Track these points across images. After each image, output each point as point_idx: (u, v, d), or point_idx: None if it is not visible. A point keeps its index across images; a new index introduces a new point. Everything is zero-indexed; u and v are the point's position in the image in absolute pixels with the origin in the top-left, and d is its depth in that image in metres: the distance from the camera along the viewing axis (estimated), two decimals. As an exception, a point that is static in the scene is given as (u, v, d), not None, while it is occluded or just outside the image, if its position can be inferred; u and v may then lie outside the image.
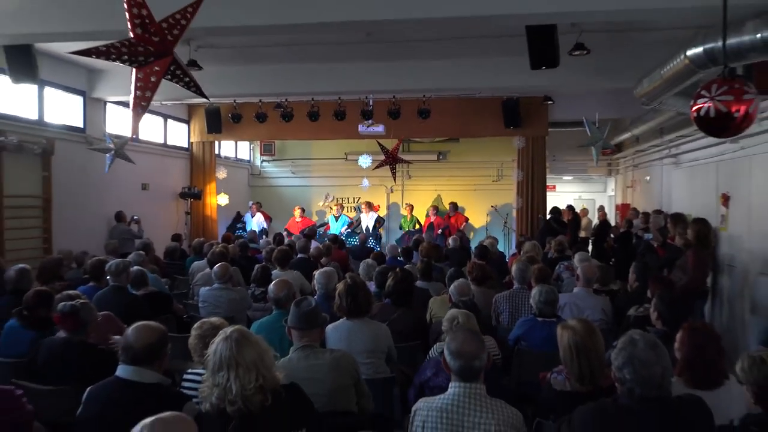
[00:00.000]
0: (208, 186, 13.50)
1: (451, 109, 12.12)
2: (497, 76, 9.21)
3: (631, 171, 14.31)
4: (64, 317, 3.82)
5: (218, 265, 6.02)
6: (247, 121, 11.98)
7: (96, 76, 10.18)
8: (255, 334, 2.76)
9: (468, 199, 15.12)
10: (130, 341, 2.87)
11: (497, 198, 14.96)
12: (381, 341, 4.14)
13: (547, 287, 4.79)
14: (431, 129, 12.59)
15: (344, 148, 15.36)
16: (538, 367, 3.80)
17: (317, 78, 9.68)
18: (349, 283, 4.20)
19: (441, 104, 11.67)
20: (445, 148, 15.55)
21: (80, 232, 9.60)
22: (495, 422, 2.60)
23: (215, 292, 5.82)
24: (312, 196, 16.09)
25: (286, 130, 12.38)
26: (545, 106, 11.84)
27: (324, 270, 5.54)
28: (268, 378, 2.59)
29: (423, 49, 8.51)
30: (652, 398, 2.40)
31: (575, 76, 8.62)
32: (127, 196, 10.96)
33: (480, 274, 5.98)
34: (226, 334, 2.64)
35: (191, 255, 8.94)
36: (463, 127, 12.63)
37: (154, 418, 2.01)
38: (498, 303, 5.62)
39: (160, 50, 3.79)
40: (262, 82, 9.94)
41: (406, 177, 15.72)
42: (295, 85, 9.87)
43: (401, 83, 9.62)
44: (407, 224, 13.91)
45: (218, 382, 2.55)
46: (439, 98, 11.47)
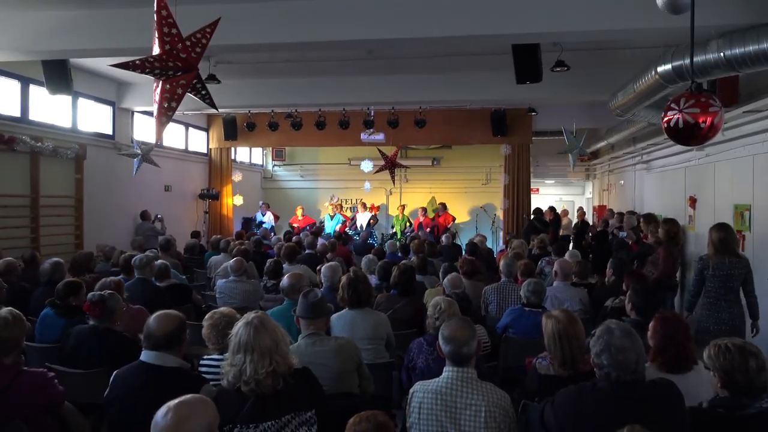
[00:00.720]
0: (224, 188, 13.47)
1: (445, 119, 12.09)
2: (486, 90, 9.21)
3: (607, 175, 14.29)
4: (93, 305, 3.79)
5: (234, 259, 6.00)
6: (261, 129, 11.94)
7: (124, 89, 10.17)
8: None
9: (459, 200, 15.09)
10: (152, 329, 2.84)
11: (486, 199, 14.96)
12: (380, 329, 4.12)
13: (536, 280, 4.78)
14: (426, 137, 12.57)
15: (348, 154, 15.34)
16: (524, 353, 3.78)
17: (324, 91, 9.66)
18: (351, 277, 4.18)
19: (435, 114, 11.65)
20: (439, 154, 15.53)
21: (109, 229, 9.58)
22: (485, 403, 2.58)
23: (231, 284, 5.80)
24: (319, 197, 16.06)
25: (296, 137, 12.36)
26: (529, 116, 11.82)
27: (329, 264, 5.52)
28: (281, 363, 2.57)
29: (419, 65, 8.50)
30: (628, 382, 2.39)
31: (556, 90, 8.62)
32: (151, 196, 10.94)
33: (470, 269, 5.97)
34: (247, 320, 2.63)
35: (209, 250, 8.91)
36: (455, 135, 12.61)
37: (178, 400, 1.99)
38: (487, 294, 5.60)
39: (186, 66, 3.79)
40: (274, 94, 9.92)
41: (404, 180, 15.70)
42: (304, 97, 9.86)
43: (399, 96, 9.62)
44: (399, 223, 13.87)
45: (236, 362, 2.54)
46: (434, 109, 11.45)
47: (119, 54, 6.82)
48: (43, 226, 8.29)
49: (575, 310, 4.93)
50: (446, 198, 14.58)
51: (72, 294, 4.30)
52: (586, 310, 5.27)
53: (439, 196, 15.11)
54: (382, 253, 8.16)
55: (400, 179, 15.33)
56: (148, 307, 4.28)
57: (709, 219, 7.21)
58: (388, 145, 12.31)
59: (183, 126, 12.55)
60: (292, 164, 16.46)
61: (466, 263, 6.04)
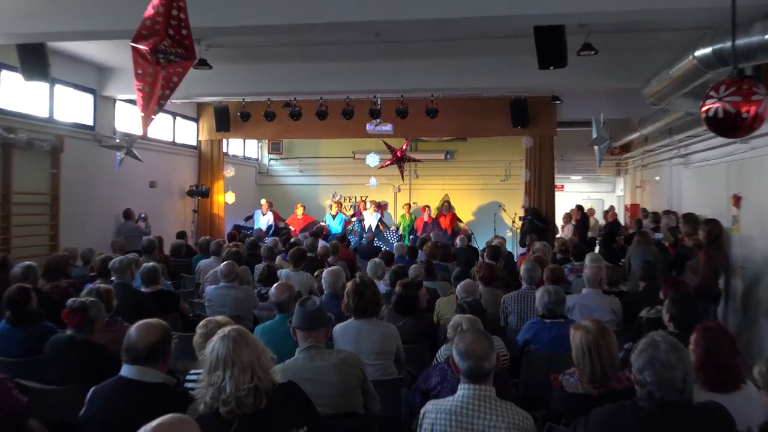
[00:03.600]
0: (215, 184, 13.48)
1: (459, 109, 12.05)
2: (505, 76, 9.15)
3: (640, 171, 14.19)
4: (72, 313, 3.78)
5: (224, 263, 5.98)
6: (256, 119, 11.95)
7: (106, 75, 10.18)
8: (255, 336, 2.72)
9: (475, 198, 15.04)
10: (133, 340, 2.82)
11: (505, 197, 14.91)
12: (390, 342, 4.08)
13: (553, 287, 4.72)
14: (439, 128, 12.53)
15: (352, 147, 15.33)
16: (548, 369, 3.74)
17: (326, 77, 9.64)
18: (357, 282, 4.15)
19: (449, 104, 11.60)
20: (453, 147, 15.50)
21: (88, 229, 9.59)
22: (505, 425, 2.54)
23: (221, 291, 5.79)
24: (319, 194, 16.06)
25: (295, 128, 12.34)
26: (553, 105, 11.75)
27: (331, 269, 5.49)
28: (263, 379, 2.55)
29: (431, 49, 8.45)
30: (673, 402, 2.34)
31: (583, 76, 8.55)
32: (135, 193, 10.95)
33: (488, 274, 5.92)
34: (223, 333, 2.61)
35: (198, 253, 8.91)
36: (471, 126, 12.56)
37: (156, 422, 1.96)
38: (506, 304, 5.56)
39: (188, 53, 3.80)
40: (270, 81, 9.91)
41: (414, 176, 15.68)
42: (304, 85, 9.84)
43: (409, 83, 9.57)
44: (405, 223, 13.82)
45: (213, 381, 2.52)
46: (447, 98, 11.40)
47: (101, 37, 6.84)
48: (15, 226, 8.31)
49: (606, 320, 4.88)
50: (461, 196, 14.55)
51: (25, 301, 4.27)
52: (618, 320, 5.22)
53: (453, 194, 15.07)
54: (390, 256, 8.13)
55: (409, 175, 15.30)
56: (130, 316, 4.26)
57: (755, 219, 7.12)
58: (396, 137, 12.29)
59: (170, 116, 12.57)
60: (290, 158, 16.48)
61: (484, 268, 6.00)
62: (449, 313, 5.04)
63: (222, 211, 13.68)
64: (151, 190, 11.71)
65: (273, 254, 7.89)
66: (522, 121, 11.86)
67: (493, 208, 14.94)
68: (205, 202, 13.22)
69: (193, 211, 13.01)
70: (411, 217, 13.89)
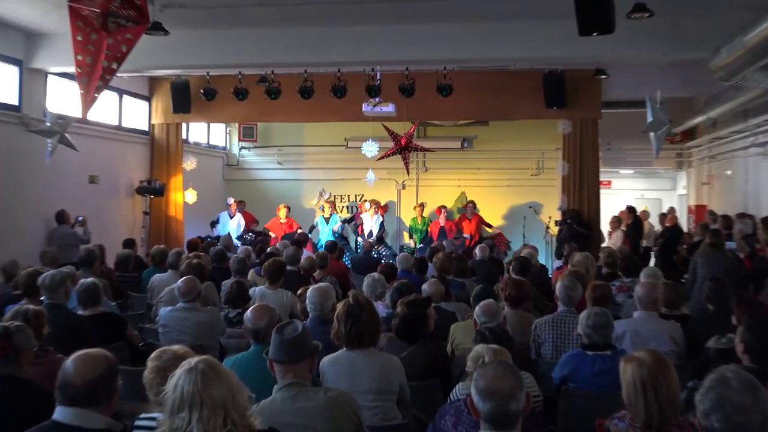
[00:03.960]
0: (172, 179, 13.51)
1: (479, 85, 12.06)
2: (537, 44, 9.18)
3: (707, 164, 14.21)
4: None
5: (183, 279, 5.98)
6: (223, 98, 11.96)
7: (36, 42, 10.20)
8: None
9: (499, 198, 15.06)
10: (69, 376, 2.82)
11: (536, 196, 14.93)
12: (391, 378, 4.08)
13: (597, 309, 4.72)
14: (454, 109, 12.56)
15: (344, 133, 15.35)
16: (591, 412, 3.74)
17: (312, 45, 9.66)
18: (350, 303, 4.15)
19: (466, 79, 11.61)
20: (472, 133, 15.52)
21: (11, 236, 9.60)
22: (537, 484, 2.54)
23: (179, 314, 5.78)
24: (303, 192, 16.10)
25: (272, 109, 12.37)
26: (597, 81, 11.77)
27: (318, 286, 5.49)
28: (239, 424, 2.56)
29: (444, 9, 8.47)
30: (749, 457, 2.35)
31: (635, 45, 8.58)
32: (70, 191, 10.97)
33: (515, 293, 5.92)
34: (190, 365, 2.62)
35: (150, 266, 8.90)
36: (494, 107, 12.59)
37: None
38: (539, 330, 5.56)
39: (140, 17, 3.81)
40: (242, 49, 9.93)
41: (422, 169, 15.71)
42: (284, 54, 9.86)
43: (416, 52, 9.60)
44: (419, 228, 13.83)
45: (177, 425, 2.52)
46: (464, 71, 11.43)
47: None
48: None
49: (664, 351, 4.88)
50: (481, 194, 14.57)
51: None
52: (679, 351, 5.22)
53: (472, 192, 15.09)
54: (392, 270, 8.13)
55: (416, 168, 15.33)
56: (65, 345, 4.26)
57: None
58: (400, 121, 12.29)
59: (116, 94, 12.59)
60: (267, 147, 16.52)
61: (509, 285, 6.00)
62: (467, 342, 5.02)
63: (180, 214, 13.70)
64: (90, 187, 11.72)
65: (245, 267, 7.88)
66: (558, 101, 11.88)
67: (523, 210, 14.94)
68: (159, 202, 13.23)
69: (144, 214, 13.03)
70: (425, 221, 13.91)
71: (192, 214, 14.15)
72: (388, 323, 5.31)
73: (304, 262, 8.38)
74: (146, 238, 12.86)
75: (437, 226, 13.60)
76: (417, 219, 13.99)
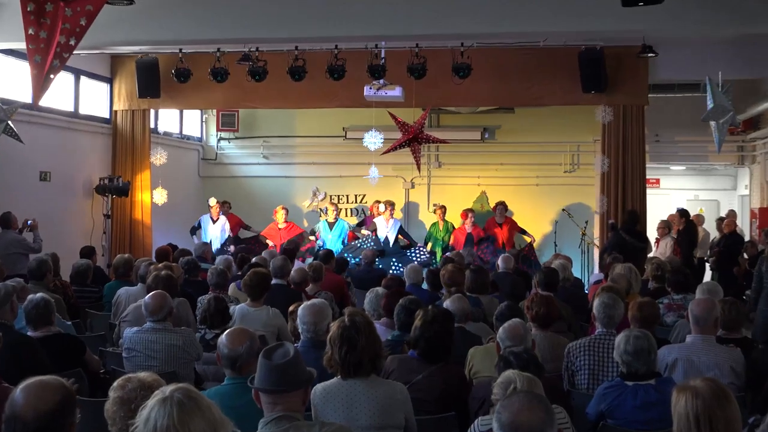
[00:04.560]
0: (138, 176, 13.55)
1: (503, 65, 12.11)
2: (572, 15, 9.16)
3: (774, 159, 14.19)
4: None
5: (151, 294, 6.00)
6: (199, 80, 11.99)
7: (-25, 13, 10.23)
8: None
9: (526, 198, 15.04)
10: (17, 409, 2.83)
11: (571, 197, 14.92)
12: (395, 411, 4.10)
13: (637, 332, 4.72)
14: (473, 94, 12.55)
15: (342, 122, 15.41)
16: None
17: (303, 16, 9.67)
18: (345, 324, 4.16)
19: (487, 57, 11.64)
20: (494, 122, 15.52)
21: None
22: None
23: (147, 336, 5.80)
24: (293, 191, 16.14)
25: (257, 94, 12.43)
26: (644, 60, 11.77)
27: (311, 304, 5.51)
28: (223, 464, 2.58)
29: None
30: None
31: (688, 16, 8.58)
32: (17, 190, 10.98)
33: (544, 312, 5.93)
34: (164, 395, 2.62)
35: (113, 279, 8.93)
36: (521, 91, 12.62)
37: None
38: (573, 356, 5.56)
39: None
40: (221, 22, 9.95)
41: (435, 165, 15.72)
42: (271, 28, 9.87)
43: (428, 25, 9.61)
44: (439, 235, 13.77)
45: (150, 467, 2.54)
46: (485, 48, 11.45)
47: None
48: None
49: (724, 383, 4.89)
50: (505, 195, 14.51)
51: None
52: (740, 383, 5.21)
53: (494, 192, 15.08)
54: (400, 284, 8.14)
55: (428, 163, 15.35)
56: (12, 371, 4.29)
57: None
58: (408, 107, 12.30)
59: (71, 74, 12.63)
60: (251, 138, 16.55)
61: (537, 302, 6.01)
62: (487, 369, 5.04)
63: (148, 217, 13.73)
64: (41, 186, 11.75)
65: (225, 280, 7.91)
66: (597, 84, 11.87)
67: (554, 214, 14.93)
68: (122, 204, 13.27)
69: (105, 217, 13.04)
70: (447, 227, 13.88)
71: (162, 217, 14.17)
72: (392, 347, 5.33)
73: (294, 274, 8.39)
74: (108, 246, 12.88)
75: (462, 233, 13.53)
76: (438, 223, 13.94)
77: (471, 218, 13.62)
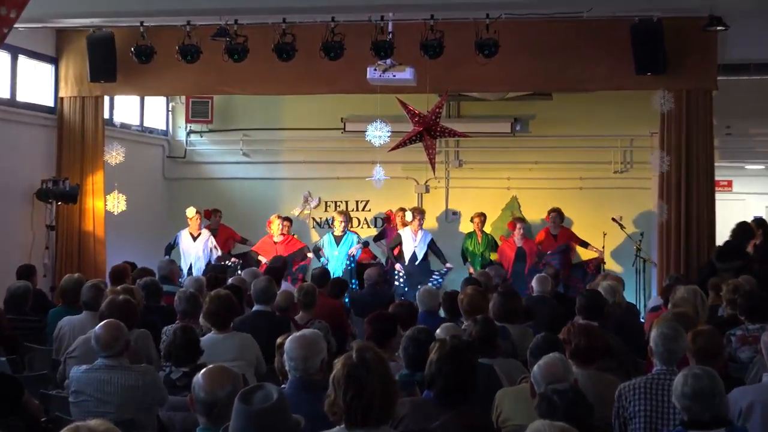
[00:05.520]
0: (90, 178, 13.59)
1: (538, 41, 12.12)
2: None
3: None
4: None
5: (104, 324, 6.00)
6: (164, 59, 12.03)
7: None
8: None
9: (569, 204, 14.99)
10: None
11: (622, 204, 14.93)
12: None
13: (697, 369, 4.70)
14: (500, 76, 12.61)
15: (340, 111, 15.46)
16: None
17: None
18: (353, 362, 4.14)
19: (519, 32, 11.71)
20: (527, 111, 15.56)
21: None
22: None
23: (99, 375, 5.80)
24: (280, 197, 16.17)
25: (235, 77, 12.48)
26: (712, 35, 11.76)
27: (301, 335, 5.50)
28: None
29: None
30: None
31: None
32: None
33: (585, 345, 5.91)
34: None
35: (58, 305, 8.93)
36: (560, 73, 12.63)
37: None
38: (625, 400, 5.54)
39: None
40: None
41: (455, 163, 15.73)
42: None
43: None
44: (477, 249, 13.69)
45: None
46: (515, 20, 11.50)
47: None
48: None
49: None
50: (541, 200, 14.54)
51: None
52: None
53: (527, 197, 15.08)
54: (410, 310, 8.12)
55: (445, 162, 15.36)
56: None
57: None
58: (422, 93, 12.29)
59: (7, 53, 12.65)
60: (227, 131, 16.60)
61: (577, 334, 5.99)
62: (521, 416, 5.05)
63: (101, 228, 13.76)
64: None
65: (196, 307, 7.90)
66: (654, 64, 11.87)
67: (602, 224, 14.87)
68: (70, 212, 13.31)
69: (48, 229, 13.06)
70: (487, 240, 13.85)
71: (118, 229, 14.19)
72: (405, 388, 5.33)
73: (280, 299, 8.39)
74: (51, 265, 12.90)
75: (511, 248, 13.55)
76: (476, 235, 13.94)
77: (521, 229, 13.64)
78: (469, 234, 14.12)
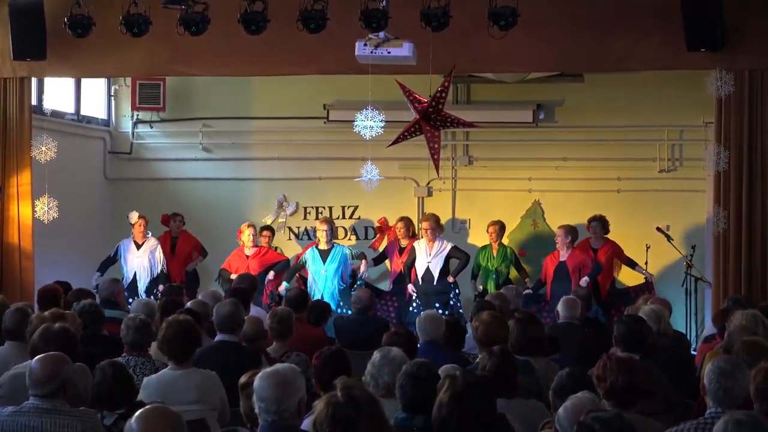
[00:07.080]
0: (13, 179, 13.66)
1: (566, 11, 12.19)
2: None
3: None
4: None
5: (37, 359, 6.03)
6: (105, 33, 12.08)
7: None
8: None
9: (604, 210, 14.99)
10: None
11: (670, 211, 14.99)
12: None
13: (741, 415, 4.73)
14: (519, 54, 12.69)
15: (323, 96, 15.57)
16: None
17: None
18: (339, 401, 4.20)
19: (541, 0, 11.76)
20: (553, 95, 15.65)
21: None
22: None
23: (27, 419, 5.83)
24: (250, 200, 16.26)
25: (193, 54, 12.56)
26: (778, 6, 11.87)
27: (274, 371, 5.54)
28: None
29: None
30: None
31: None
32: None
33: (624, 383, 5.94)
34: None
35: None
36: (593, 49, 12.72)
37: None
38: (671, 451, 5.60)
39: None
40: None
41: (463, 161, 15.75)
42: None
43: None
44: (492, 264, 13.71)
45: None
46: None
47: None
48: None
49: None
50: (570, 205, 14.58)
51: None
52: None
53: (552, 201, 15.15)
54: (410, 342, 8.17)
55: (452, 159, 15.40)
56: None
57: None
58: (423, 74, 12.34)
59: None
60: (183, 120, 16.68)
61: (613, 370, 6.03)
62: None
63: (28, 240, 13.81)
64: None
65: (147, 336, 7.93)
66: (709, 39, 11.93)
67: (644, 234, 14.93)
68: (-11, 220, 13.34)
69: (-38, 240, 13.13)
70: (505, 253, 13.90)
71: (49, 240, 14.23)
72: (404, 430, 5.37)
73: (248, 327, 8.43)
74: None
75: (553, 261, 13.50)
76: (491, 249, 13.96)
77: (567, 238, 13.47)
78: (483, 247, 14.16)
